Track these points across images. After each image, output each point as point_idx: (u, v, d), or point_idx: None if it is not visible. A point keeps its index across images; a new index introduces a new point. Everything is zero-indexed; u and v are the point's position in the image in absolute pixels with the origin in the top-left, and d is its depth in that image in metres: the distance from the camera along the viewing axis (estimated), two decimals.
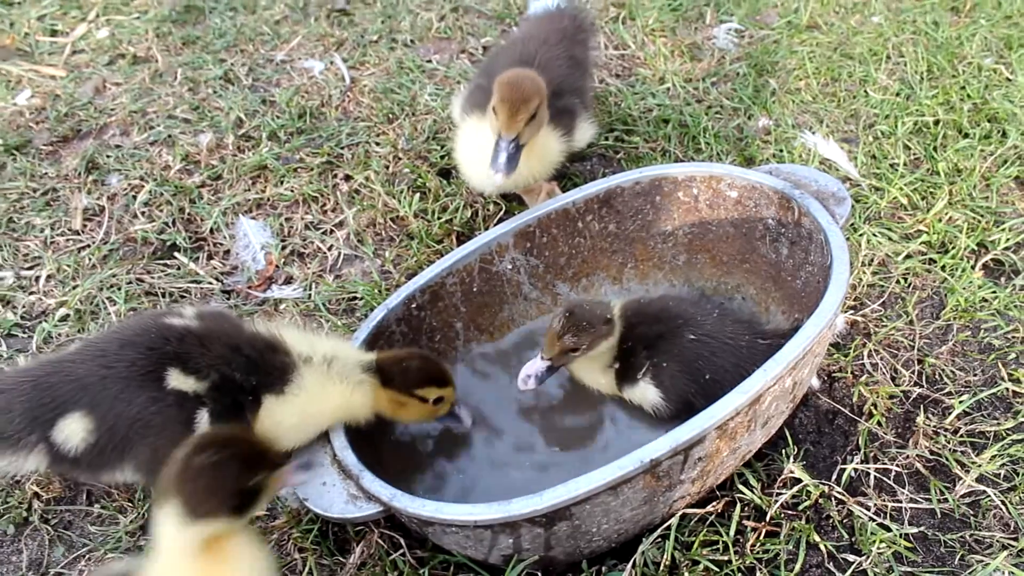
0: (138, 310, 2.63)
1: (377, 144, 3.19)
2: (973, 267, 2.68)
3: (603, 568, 1.99)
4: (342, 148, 3.18)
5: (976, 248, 2.74)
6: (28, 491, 2.20)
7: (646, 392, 2.23)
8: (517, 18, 3.80)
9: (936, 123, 3.15)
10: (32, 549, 2.14)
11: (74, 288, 2.71)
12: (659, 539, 1.97)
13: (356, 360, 2.09)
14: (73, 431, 1.89)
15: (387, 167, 3.09)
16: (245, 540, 1.69)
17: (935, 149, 3.05)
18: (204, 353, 1.95)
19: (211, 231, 2.90)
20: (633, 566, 1.94)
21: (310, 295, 2.67)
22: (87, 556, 2.11)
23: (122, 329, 2.04)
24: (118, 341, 1.98)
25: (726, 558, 1.98)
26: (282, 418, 1.99)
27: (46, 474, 2.21)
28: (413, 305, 2.36)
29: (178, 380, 1.91)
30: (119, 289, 2.68)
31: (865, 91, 3.34)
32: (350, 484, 1.95)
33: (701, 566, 1.97)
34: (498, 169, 2.40)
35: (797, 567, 1.96)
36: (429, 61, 3.60)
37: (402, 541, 2.02)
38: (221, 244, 2.88)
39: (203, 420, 1.91)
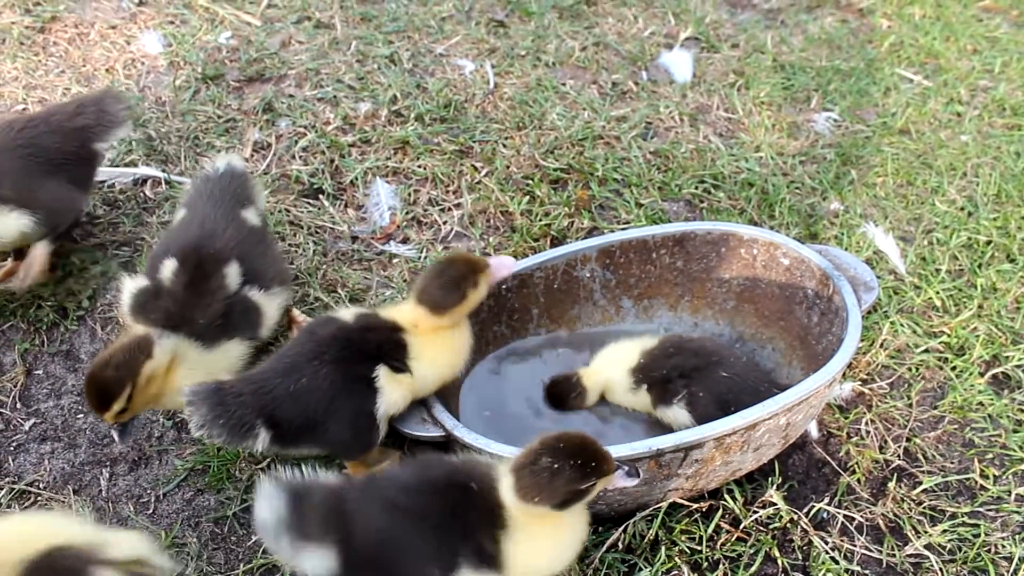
0: (280, 234, 3.18)
1: (504, 146, 3.57)
2: (982, 374, 2.97)
3: (600, 528, 2.43)
4: (474, 142, 3.57)
5: (989, 359, 3.03)
6: None
7: (678, 414, 2.61)
8: (648, 63, 4.23)
9: (988, 243, 3.43)
10: None
11: None
12: (650, 516, 2.41)
13: None
14: (167, 267, 2.50)
15: (507, 167, 3.48)
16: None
17: (979, 266, 3.34)
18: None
19: (351, 183, 3.39)
20: (624, 531, 2.39)
21: (420, 257, 3.17)
22: None
23: None
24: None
25: (699, 548, 2.40)
26: None
27: None
28: (503, 286, 2.81)
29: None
30: (270, 213, 3.21)
31: (933, 200, 3.62)
32: (423, 410, 2.45)
33: (678, 548, 2.40)
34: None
35: (753, 569, 2.41)
36: (564, 84, 3.95)
37: None
38: (357, 197, 3.36)
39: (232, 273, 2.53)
